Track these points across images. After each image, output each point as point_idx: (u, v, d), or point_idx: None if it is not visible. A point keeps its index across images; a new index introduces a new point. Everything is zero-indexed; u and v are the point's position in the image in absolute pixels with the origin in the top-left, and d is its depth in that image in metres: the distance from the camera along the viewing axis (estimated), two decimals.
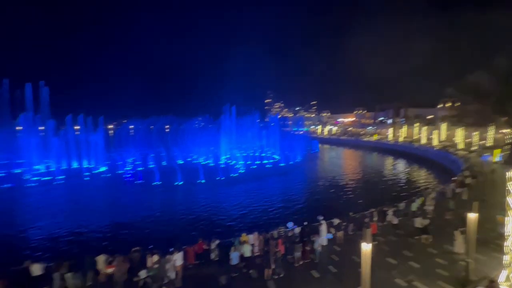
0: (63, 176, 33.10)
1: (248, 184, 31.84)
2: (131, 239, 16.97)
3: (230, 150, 48.84)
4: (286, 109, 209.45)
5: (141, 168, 38.67)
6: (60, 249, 15.92)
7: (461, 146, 52.44)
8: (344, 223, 16.33)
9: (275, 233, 14.41)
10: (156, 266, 11.35)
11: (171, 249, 11.96)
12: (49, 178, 33.09)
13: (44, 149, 38.53)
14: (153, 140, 53.43)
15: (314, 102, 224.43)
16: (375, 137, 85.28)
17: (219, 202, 25.29)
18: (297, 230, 14.64)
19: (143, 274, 10.92)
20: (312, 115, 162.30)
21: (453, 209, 18.43)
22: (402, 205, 19.60)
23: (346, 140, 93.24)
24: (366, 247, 8.12)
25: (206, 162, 44.47)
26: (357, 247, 12.54)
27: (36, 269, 10.91)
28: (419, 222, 15.43)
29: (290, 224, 15.32)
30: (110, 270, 11.22)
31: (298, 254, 12.79)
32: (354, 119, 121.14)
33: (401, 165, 49.06)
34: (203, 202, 25.18)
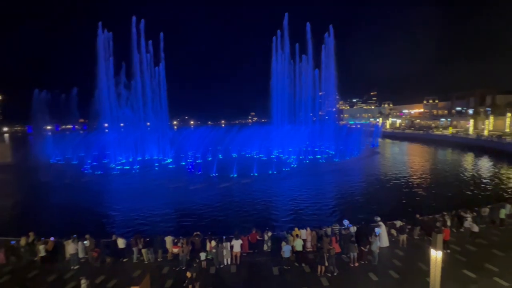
0: (138, 166, 38.51)
1: (300, 179, 31.39)
2: (192, 224, 18.75)
3: (282, 144, 48.88)
4: (341, 101, 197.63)
5: (200, 161, 42.09)
6: (137, 227, 18.64)
7: None
8: (409, 226, 14.76)
9: (328, 230, 13.97)
10: (214, 250, 12.37)
11: (224, 237, 12.85)
12: (128, 167, 38.94)
13: (125, 143, 45.40)
14: (211, 134, 57.32)
15: (374, 93, 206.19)
16: (450, 131, 73.84)
17: (270, 195, 25.71)
18: (353, 229, 13.87)
19: (202, 256, 12.04)
20: (372, 107, 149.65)
21: None
22: (485, 210, 16.62)
23: (412, 134, 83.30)
24: (436, 254, 7.22)
25: (259, 156, 45.55)
26: (424, 253, 11.29)
27: (121, 242, 13.11)
28: None
29: (345, 222, 14.61)
30: (175, 250, 12.69)
31: (354, 254, 12.18)
32: (422, 110, 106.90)
33: (485, 164, 41.35)
34: (256, 194, 25.96)
